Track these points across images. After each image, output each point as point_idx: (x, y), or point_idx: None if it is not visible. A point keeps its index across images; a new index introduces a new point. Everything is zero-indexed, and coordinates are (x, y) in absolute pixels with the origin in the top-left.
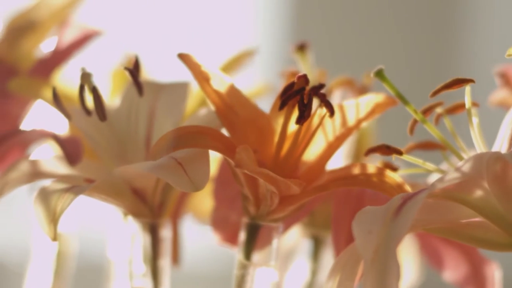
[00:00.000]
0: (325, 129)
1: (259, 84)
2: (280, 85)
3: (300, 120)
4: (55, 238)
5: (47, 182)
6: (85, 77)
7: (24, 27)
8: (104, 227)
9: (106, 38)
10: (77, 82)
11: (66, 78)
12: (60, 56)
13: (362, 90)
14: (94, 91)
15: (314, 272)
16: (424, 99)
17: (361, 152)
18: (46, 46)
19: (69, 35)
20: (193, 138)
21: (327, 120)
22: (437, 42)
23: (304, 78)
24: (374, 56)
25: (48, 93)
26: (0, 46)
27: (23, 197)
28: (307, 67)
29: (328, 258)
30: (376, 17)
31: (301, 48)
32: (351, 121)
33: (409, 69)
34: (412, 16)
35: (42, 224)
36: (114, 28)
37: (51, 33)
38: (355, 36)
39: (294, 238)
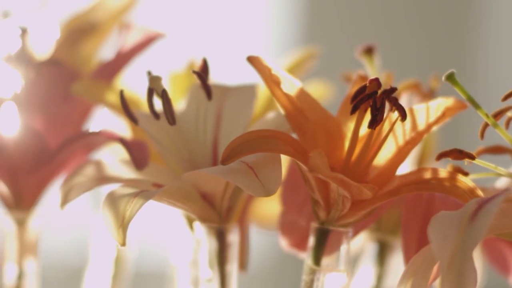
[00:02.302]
0: (395, 133)
1: (321, 87)
2: (347, 88)
3: (373, 124)
4: (124, 243)
5: (113, 187)
6: (154, 81)
7: (84, 30)
8: (167, 232)
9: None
10: (144, 86)
11: (127, 81)
12: (122, 59)
13: (429, 94)
14: (164, 95)
15: (380, 277)
16: None
17: (425, 157)
18: (106, 49)
19: (131, 38)
20: (265, 142)
21: (397, 124)
22: (450, 37)
23: (377, 81)
24: (385, 55)
25: (111, 97)
26: (59, 49)
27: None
28: (374, 70)
29: (394, 263)
30: (386, 16)
31: (368, 51)
32: (421, 125)
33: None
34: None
35: (110, 229)
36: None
37: (110, 36)
38: (367, 36)
39: (360, 243)
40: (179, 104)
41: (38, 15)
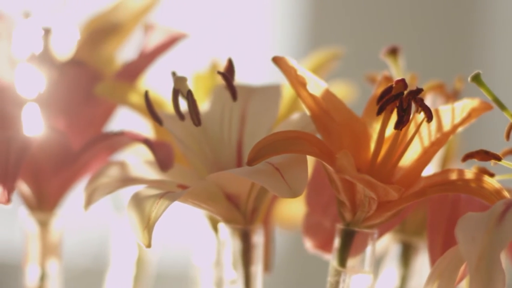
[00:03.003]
0: (421, 134)
1: (344, 88)
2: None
3: (399, 125)
4: (149, 244)
5: (137, 188)
6: (180, 81)
7: (106, 30)
8: (189, 233)
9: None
10: (166, 86)
11: (148, 82)
12: (145, 60)
13: (452, 95)
14: (189, 96)
15: (404, 279)
16: None
17: (448, 158)
18: (129, 49)
19: (154, 39)
20: (291, 143)
21: (423, 125)
22: (456, 36)
23: (403, 82)
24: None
25: (134, 97)
26: (81, 49)
27: None
28: (398, 71)
29: (418, 264)
30: (390, 18)
31: (393, 51)
32: (447, 126)
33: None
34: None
35: (136, 231)
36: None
37: (131, 36)
38: (372, 37)
39: (384, 244)
40: (203, 105)
41: (59, 15)
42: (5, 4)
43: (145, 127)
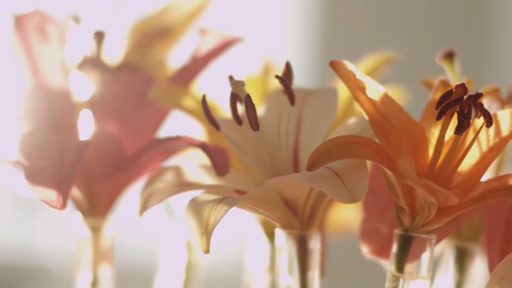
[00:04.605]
0: (479, 139)
1: (394, 91)
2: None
3: (459, 130)
4: (208, 250)
5: (193, 193)
6: (237, 86)
7: (158, 33)
8: (242, 237)
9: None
10: (221, 91)
11: (200, 86)
12: (199, 64)
13: (508, 100)
14: (247, 100)
15: (459, 284)
16: None
17: (501, 162)
18: (182, 53)
19: (208, 42)
20: (351, 148)
21: (482, 130)
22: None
23: (463, 87)
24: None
25: (188, 102)
26: (131, 53)
27: None
28: (454, 75)
29: (474, 269)
30: (398, 19)
31: (449, 56)
32: (505, 131)
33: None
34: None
35: (194, 236)
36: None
37: (181, 39)
38: (381, 39)
39: (439, 249)
40: (259, 109)
41: (109, 19)
42: (56, 8)
43: (196, 131)
